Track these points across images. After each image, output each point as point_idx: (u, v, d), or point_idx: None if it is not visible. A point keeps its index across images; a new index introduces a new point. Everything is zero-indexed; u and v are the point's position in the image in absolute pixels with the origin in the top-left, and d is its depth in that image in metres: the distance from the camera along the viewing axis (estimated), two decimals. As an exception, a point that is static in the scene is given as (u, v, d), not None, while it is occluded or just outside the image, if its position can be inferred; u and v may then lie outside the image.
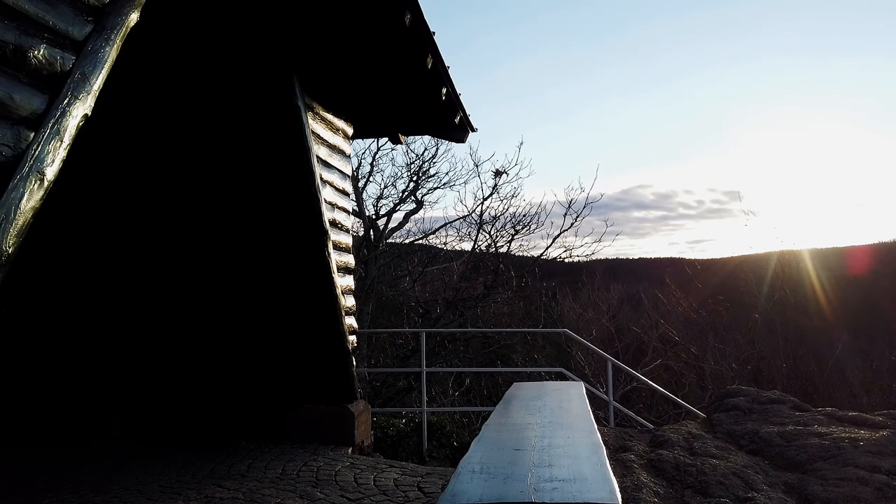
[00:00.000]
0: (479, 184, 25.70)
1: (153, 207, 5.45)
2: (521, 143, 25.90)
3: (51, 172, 2.09)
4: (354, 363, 5.34)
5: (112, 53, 2.32)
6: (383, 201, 13.03)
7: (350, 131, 5.92)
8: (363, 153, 17.02)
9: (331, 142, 5.41)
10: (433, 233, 13.10)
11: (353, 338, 5.54)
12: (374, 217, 12.80)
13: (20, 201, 1.98)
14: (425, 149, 14.62)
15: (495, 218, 12.47)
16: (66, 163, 2.18)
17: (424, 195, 12.94)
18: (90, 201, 5.51)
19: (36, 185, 2.04)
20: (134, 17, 2.42)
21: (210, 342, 5.35)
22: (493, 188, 12.42)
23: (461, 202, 32.17)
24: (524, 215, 12.45)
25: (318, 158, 5.02)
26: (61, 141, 2.12)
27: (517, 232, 12.38)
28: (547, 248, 12.60)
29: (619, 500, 1.76)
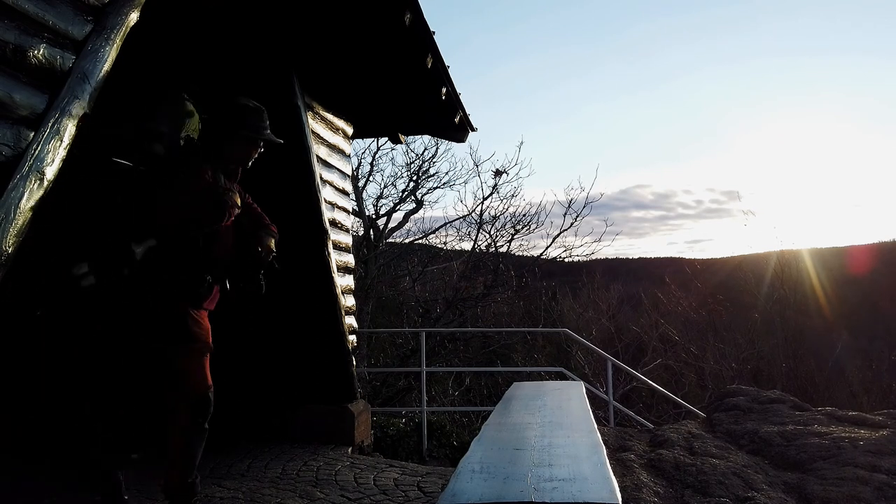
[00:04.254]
0: (479, 183, 25.66)
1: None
2: (521, 143, 25.94)
3: (51, 172, 2.09)
4: (354, 363, 5.34)
5: (112, 53, 2.32)
6: (383, 201, 13.06)
7: (350, 131, 5.92)
8: (363, 153, 17.03)
9: (331, 141, 5.41)
10: (433, 232, 13.12)
11: (353, 337, 5.54)
12: (373, 217, 12.81)
13: (20, 201, 1.98)
14: (425, 148, 14.67)
15: (495, 218, 12.49)
16: (66, 162, 2.18)
17: (424, 195, 12.97)
18: (90, 202, 5.50)
19: (36, 185, 2.03)
20: (134, 17, 2.42)
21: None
22: (493, 188, 12.44)
23: (461, 202, 32.12)
24: (524, 215, 12.47)
25: (318, 158, 5.02)
26: (61, 141, 2.12)
27: (517, 232, 12.39)
28: (547, 248, 12.63)
29: (620, 499, 1.76)
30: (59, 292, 3.37)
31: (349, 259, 5.70)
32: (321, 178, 4.98)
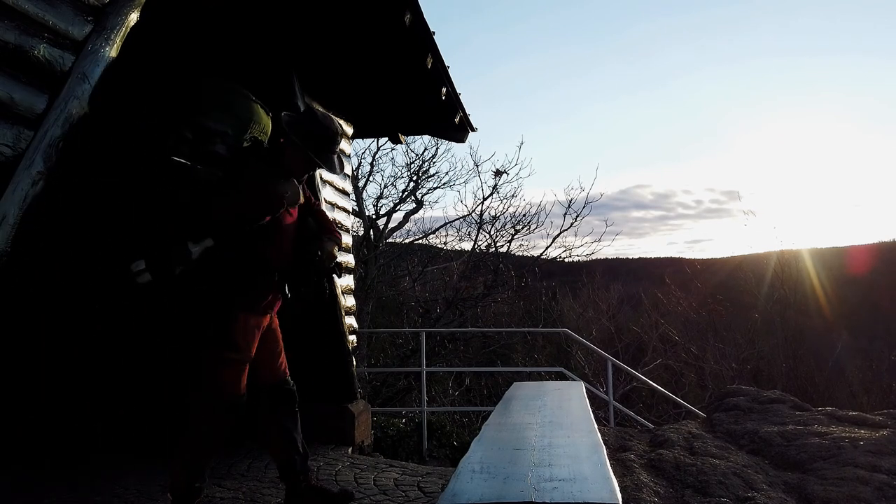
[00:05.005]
0: (479, 184, 25.74)
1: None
2: (522, 143, 26.00)
3: (50, 172, 2.09)
4: (354, 363, 5.33)
5: (112, 53, 2.32)
6: (383, 201, 13.06)
7: (350, 131, 5.92)
8: (363, 153, 17.05)
9: (331, 141, 5.40)
10: (433, 232, 13.13)
11: (353, 337, 5.53)
12: (373, 217, 12.81)
13: (20, 201, 1.98)
14: (425, 148, 14.70)
15: (495, 218, 12.50)
16: (66, 163, 2.18)
17: (424, 195, 12.98)
18: (90, 202, 5.50)
19: (36, 185, 2.03)
20: (134, 17, 2.42)
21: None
22: (493, 188, 12.46)
23: (461, 202, 32.25)
24: (524, 215, 12.49)
25: (318, 158, 5.01)
26: (61, 141, 2.12)
27: (517, 232, 12.40)
28: (547, 248, 12.64)
29: (620, 499, 1.76)
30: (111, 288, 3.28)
31: (349, 259, 5.69)
32: (321, 178, 4.98)
